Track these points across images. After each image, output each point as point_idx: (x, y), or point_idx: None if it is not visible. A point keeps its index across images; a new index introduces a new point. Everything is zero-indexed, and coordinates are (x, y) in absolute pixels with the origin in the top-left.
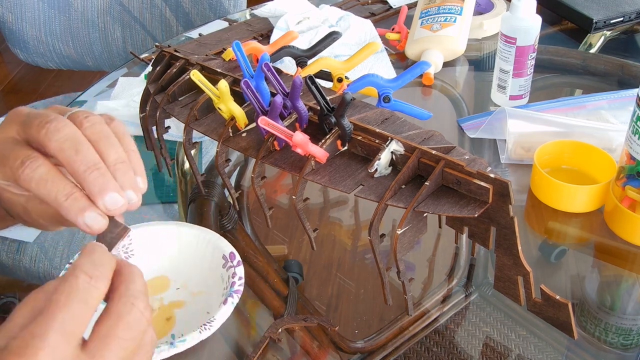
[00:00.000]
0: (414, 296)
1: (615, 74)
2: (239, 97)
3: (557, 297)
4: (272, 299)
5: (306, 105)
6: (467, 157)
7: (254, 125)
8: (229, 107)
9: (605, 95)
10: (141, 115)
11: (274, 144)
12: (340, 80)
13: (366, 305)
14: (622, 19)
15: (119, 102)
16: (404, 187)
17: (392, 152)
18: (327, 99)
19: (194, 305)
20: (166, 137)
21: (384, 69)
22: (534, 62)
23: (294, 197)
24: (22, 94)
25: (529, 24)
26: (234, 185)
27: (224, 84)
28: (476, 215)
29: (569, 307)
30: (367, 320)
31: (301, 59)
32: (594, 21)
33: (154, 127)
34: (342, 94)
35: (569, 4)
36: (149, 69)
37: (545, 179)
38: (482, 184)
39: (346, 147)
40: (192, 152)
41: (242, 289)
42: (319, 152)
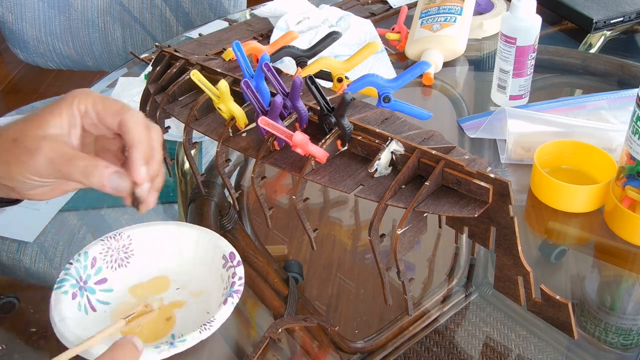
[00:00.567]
0: (414, 296)
1: (615, 74)
2: (239, 97)
3: (557, 297)
4: (272, 299)
5: (306, 105)
6: (467, 157)
7: (254, 125)
8: (229, 107)
9: (605, 95)
10: None
11: (274, 144)
12: (340, 80)
13: (366, 305)
14: (622, 19)
15: None
16: (404, 187)
17: (392, 152)
18: (327, 99)
19: (194, 305)
20: (166, 137)
21: (384, 69)
22: (534, 62)
23: (294, 197)
24: (22, 94)
25: (529, 24)
26: (234, 185)
27: (224, 84)
28: (476, 215)
29: (569, 307)
30: (367, 320)
31: (301, 59)
32: (594, 21)
33: None
34: (342, 94)
35: (569, 4)
36: (149, 69)
37: (545, 179)
38: (482, 184)
39: (346, 147)
40: (192, 152)
41: (242, 289)
42: (319, 152)
